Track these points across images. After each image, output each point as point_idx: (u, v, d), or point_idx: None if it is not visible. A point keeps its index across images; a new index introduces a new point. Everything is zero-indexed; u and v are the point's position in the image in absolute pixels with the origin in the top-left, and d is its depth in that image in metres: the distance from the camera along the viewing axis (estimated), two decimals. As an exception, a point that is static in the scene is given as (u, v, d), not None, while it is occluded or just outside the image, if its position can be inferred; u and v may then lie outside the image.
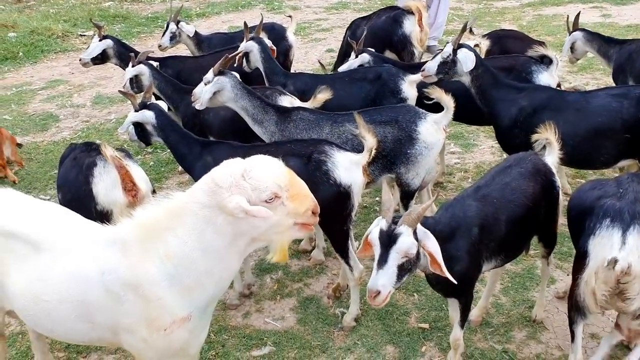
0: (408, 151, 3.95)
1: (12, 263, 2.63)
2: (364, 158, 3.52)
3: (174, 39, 6.59)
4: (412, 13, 6.29)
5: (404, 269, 2.65)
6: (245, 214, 2.23)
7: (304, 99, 4.68)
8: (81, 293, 2.51)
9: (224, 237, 2.34)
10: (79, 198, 3.48)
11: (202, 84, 4.29)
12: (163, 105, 4.17)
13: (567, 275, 4.18)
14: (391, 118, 3.98)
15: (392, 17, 6.36)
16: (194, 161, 3.89)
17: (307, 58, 9.66)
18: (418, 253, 2.69)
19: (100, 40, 5.92)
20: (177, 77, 5.60)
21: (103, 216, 3.39)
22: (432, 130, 3.95)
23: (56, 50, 10.68)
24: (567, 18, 6.06)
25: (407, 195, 4.07)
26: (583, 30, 5.90)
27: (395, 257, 2.60)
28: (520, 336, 3.68)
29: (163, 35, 6.69)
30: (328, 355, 3.62)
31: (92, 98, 8.29)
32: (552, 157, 3.45)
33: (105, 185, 3.47)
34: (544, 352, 3.55)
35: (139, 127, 4.09)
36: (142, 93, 4.24)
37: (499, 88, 4.38)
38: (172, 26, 6.58)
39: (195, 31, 6.76)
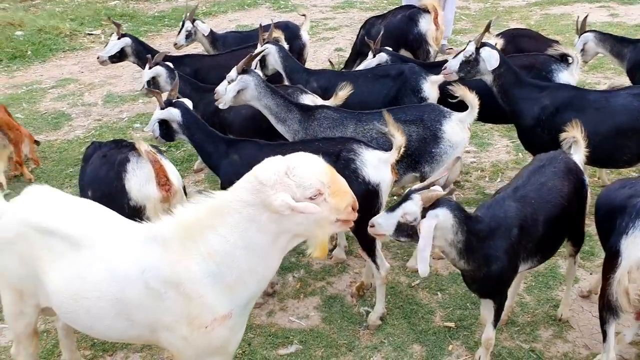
0: (433, 150, 3.95)
1: (50, 260, 2.63)
2: (392, 156, 3.53)
3: (190, 37, 6.62)
4: (427, 11, 6.29)
5: (401, 228, 2.86)
6: (292, 210, 2.23)
7: (326, 96, 4.70)
8: (121, 290, 2.51)
9: (267, 234, 2.35)
10: (110, 194, 3.50)
11: (224, 82, 4.29)
12: (188, 103, 4.17)
13: (590, 274, 4.19)
14: (416, 117, 3.98)
15: (408, 16, 6.36)
16: (220, 159, 3.89)
17: (316, 57, 9.65)
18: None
19: (119, 39, 5.93)
20: (194, 75, 5.62)
21: (136, 211, 3.41)
22: (457, 129, 3.95)
23: (64, 49, 10.66)
24: (577, 19, 6.06)
25: (432, 194, 4.07)
26: (594, 31, 5.90)
27: (399, 213, 2.85)
28: (546, 335, 3.68)
29: (179, 33, 6.71)
30: (355, 354, 3.62)
31: (103, 97, 8.28)
32: (579, 156, 3.45)
33: (138, 181, 3.49)
34: (571, 351, 3.55)
35: (163, 124, 4.08)
36: (169, 91, 4.23)
37: (522, 87, 4.38)
38: (188, 24, 6.61)
39: (211, 30, 6.77)
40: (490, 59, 4.29)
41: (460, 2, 12.74)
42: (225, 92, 4.25)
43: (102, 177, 3.63)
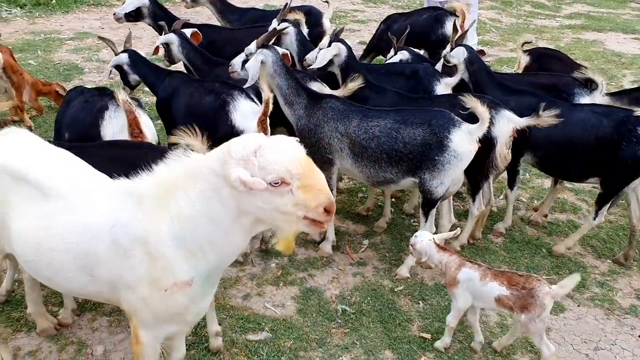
0: (436, 157, 3.82)
1: (18, 206, 2.56)
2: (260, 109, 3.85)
3: None
4: (455, 15, 6.14)
5: None
6: (244, 186, 2.12)
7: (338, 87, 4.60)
8: (87, 244, 2.45)
9: (228, 210, 2.25)
10: (85, 139, 3.50)
11: (241, 55, 4.23)
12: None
13: (578, 306, 4.06)
14: (424, 120, 3.85)
15: (435, 17, 6.23)
16: (158, 85, 4.52)
17: (338, 47, 9.51)
18: None
19: (137, -2, 5.83)
20: (209, 45, 5.50)
21: None
22: (465, 139, 3.80)
23: (89, 2, 10.61)
24: None
25: (428, 203, 3.95)
26: None
27: None
28: (523, 361, 3.57)
29: None
30: (324, 350, 3.53)
31: (120, 56, 8.19)
32: None
33: (113, 129, 3.56)
34: (546, 381, 3.43)
35: (122, 73, 4.75)
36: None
37: (493, 87, 4.60)
38: None
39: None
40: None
41: (492, 14, 12.59)
42: (241, 66, 4.24)
43: (80, 121, 3.65)
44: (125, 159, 2.96)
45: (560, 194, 5.50)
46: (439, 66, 4.94)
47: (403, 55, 5.19)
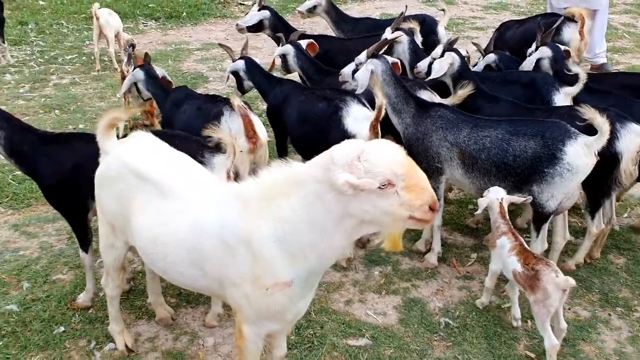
0: (546, 170, 3.65)
1: (140, 203, 2.79)
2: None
3: (314, 9, 6.59)
4: (574, 20, 5.81)
5: None
6: (354, 189, 2.16)
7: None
8: (198, 241, 2.61)
9: (331, 214, 2.30)
10: None
11: (352, 64, 4.32)
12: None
13: None
14: (537, 132, 3.69)
15: (549, 24, 5.91)
16: (269, 92, 4.85)
17: (455, 55, 9.34)
18: None
19: (259, 10, 6.13)
20: (324, 55, 5.65)
21: None
22: (581, 152, 3.59)
23: (216, 15, 11.28)
24: None
25: (539, 218, 3.78)
26: None
27: None
28: (641, 394, 3.31)
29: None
30: (424, 362, 3.49)
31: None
32: None
33: (228, 133, 3.76)
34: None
35: (238, 78, 5.15)
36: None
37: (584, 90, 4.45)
38: None
39: (337, 9, 6.74)
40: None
41: (626, 18, 11.74)
42: (351, 75, 4.34)
43: (196, 128, 3.88)
44: None
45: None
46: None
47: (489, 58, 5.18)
